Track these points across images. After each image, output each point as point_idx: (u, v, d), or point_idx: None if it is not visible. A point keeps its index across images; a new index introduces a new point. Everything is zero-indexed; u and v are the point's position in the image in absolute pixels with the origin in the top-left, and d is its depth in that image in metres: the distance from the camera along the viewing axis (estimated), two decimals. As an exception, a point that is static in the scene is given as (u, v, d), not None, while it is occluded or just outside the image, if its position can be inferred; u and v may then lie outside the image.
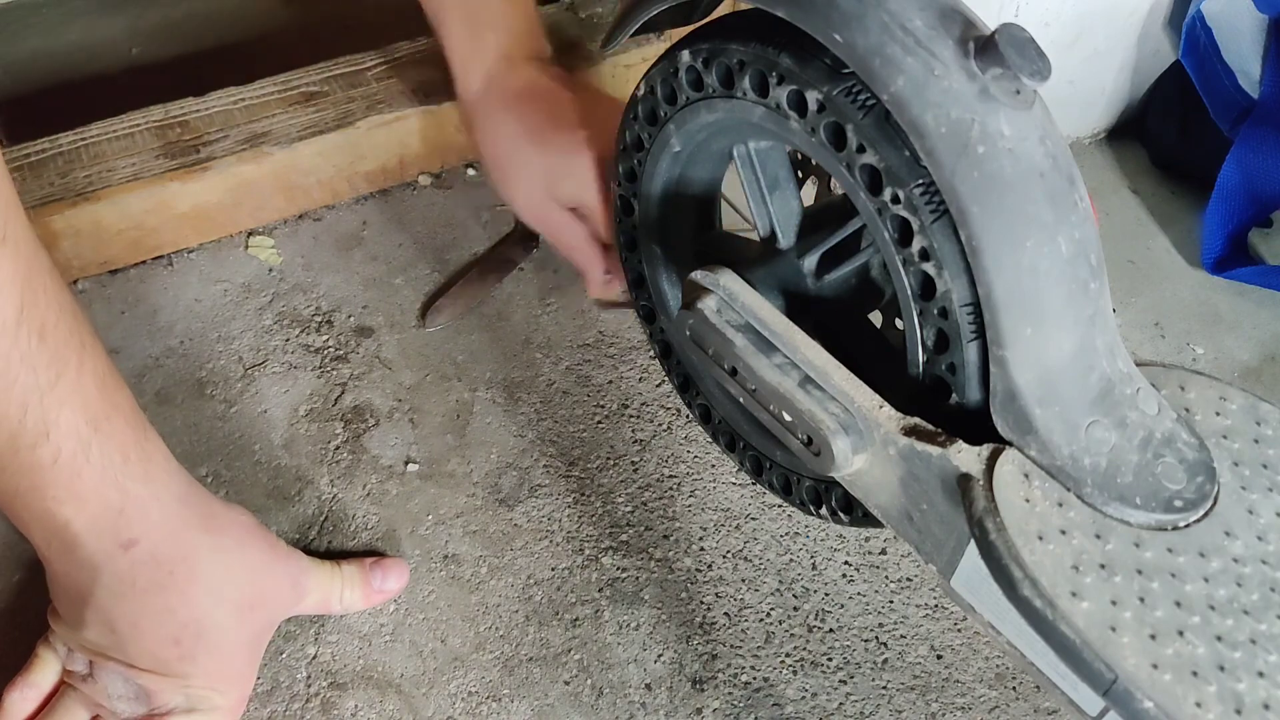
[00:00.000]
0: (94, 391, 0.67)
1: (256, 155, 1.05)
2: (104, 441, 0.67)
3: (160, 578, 0.71)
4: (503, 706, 0.78)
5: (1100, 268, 0.59)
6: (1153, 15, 1.18)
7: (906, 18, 0.57)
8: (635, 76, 0.82)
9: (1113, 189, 1.22)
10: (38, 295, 0.62)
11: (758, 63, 0.64)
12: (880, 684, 0.80)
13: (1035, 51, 0.55)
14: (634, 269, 0.87)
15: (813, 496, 0.76)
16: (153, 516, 0.71)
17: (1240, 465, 0.61)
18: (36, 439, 0.64)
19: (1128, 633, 0.53)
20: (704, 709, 0.78)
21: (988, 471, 0.58)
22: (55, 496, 0.67)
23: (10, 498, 0.68)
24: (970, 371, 0.60)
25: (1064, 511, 0.58)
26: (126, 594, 0.71)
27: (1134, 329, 1.08)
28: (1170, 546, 0.57)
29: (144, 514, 0.70)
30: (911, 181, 0.58)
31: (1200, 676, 0.52)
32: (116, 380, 0.69)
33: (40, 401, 0.63)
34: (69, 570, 0.72)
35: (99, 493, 0.68)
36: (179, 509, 0.73)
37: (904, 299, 0.62)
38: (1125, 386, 0.61)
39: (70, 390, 0.65)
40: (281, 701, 0.78)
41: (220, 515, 0.75)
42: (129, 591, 0.71)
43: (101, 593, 0.71)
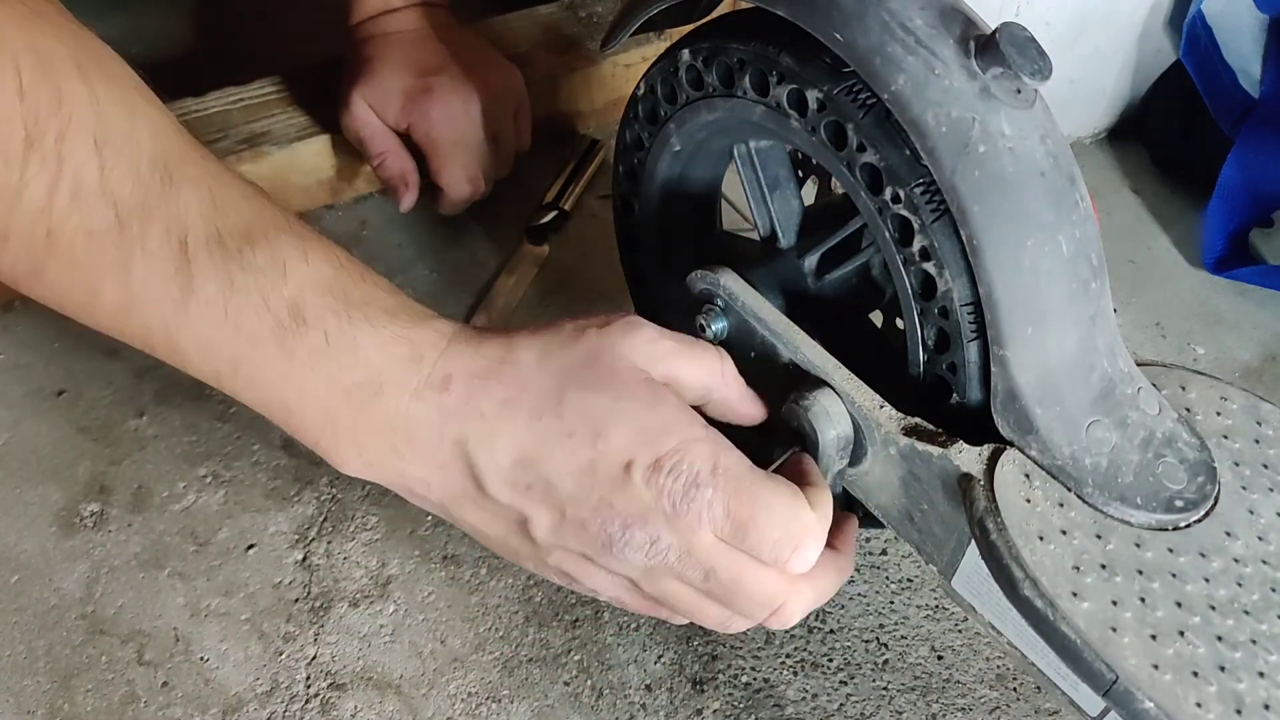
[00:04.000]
0: (330, 267, 0.61)
1: (255, 155, 1.05)
2: (361, 306, 0.61)
3: (509, 395, 0.61)
4: (502, 707, 0.78)
5: (1101, 267, 0.59)
6: (1153, 15, 1.18)
7: (907, 17, 0.57)
8: (635, 76, 0.82)
9: (1113, 189, 1.22)
10: (230, 209, 0.60)
11: (758, 62, 0.64)
12: (881, 685, 0.80)
13: (1036, 51, 0.55)
14: (634, 268, 0.87)
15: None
16: (445, 344, 0.63)
17: (1241, 465, 0.61)
18: (298, 329, 0.59)
19: (1128, 633, 0.53)
20: (704, 710, 0.78)
21: (988, 471, 0.58)
22: (348, 378, 0.60)
23: (316, 419, 0.62)
24: (971, 371, 0.60)
25: (1065, 511, 0.58)
26: (486, 433, 0.61)
27: (1135, 329, 1.07)
28: (1171, 547, 0.57)
29: (437, 347, 0.62)
30: (912, 181, 0.58)
31: (1201, 677, 0.52)
32: (336, 250, 0.63)
33: (281, 295, 0.59)
34: (417, 468, 0.63)
35: (388, 349, 0.61)
36: (461, 329, 0.65)
37: (904, 298, 0.62)
38: (1126, 386, 0.60)
39: (303, 275, 0.60)
40: (281, 702, 0.78)
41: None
42: (484, 427, 0.61)
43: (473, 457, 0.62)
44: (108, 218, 0.56)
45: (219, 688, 0.78)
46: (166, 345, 0.61)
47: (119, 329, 0.61)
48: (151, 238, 0.57)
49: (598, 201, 1.15)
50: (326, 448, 0.63)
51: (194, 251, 0.58)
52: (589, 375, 0.61)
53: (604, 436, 0.60)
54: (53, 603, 0.82)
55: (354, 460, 0.63)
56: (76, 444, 0.91)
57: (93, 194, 0.56)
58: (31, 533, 0.86)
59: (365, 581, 0.84)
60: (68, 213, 0.56)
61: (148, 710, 0.77)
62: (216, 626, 0.81)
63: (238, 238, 0.59)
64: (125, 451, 0.91)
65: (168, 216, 0.58)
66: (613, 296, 1.04)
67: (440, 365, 0.62)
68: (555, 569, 0.65)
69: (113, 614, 0.81)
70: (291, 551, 0.86)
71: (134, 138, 0.57)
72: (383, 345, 0.61)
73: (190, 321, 0.59)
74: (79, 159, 0.55)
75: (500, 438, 0.61)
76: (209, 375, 0.62)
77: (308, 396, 0.61)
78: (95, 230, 0.56)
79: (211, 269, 0.58)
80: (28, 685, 0.77)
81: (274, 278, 0.60)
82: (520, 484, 0.61)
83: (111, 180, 0.56)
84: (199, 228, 0.59)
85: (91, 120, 0.56)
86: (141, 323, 0.60)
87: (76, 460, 0.90)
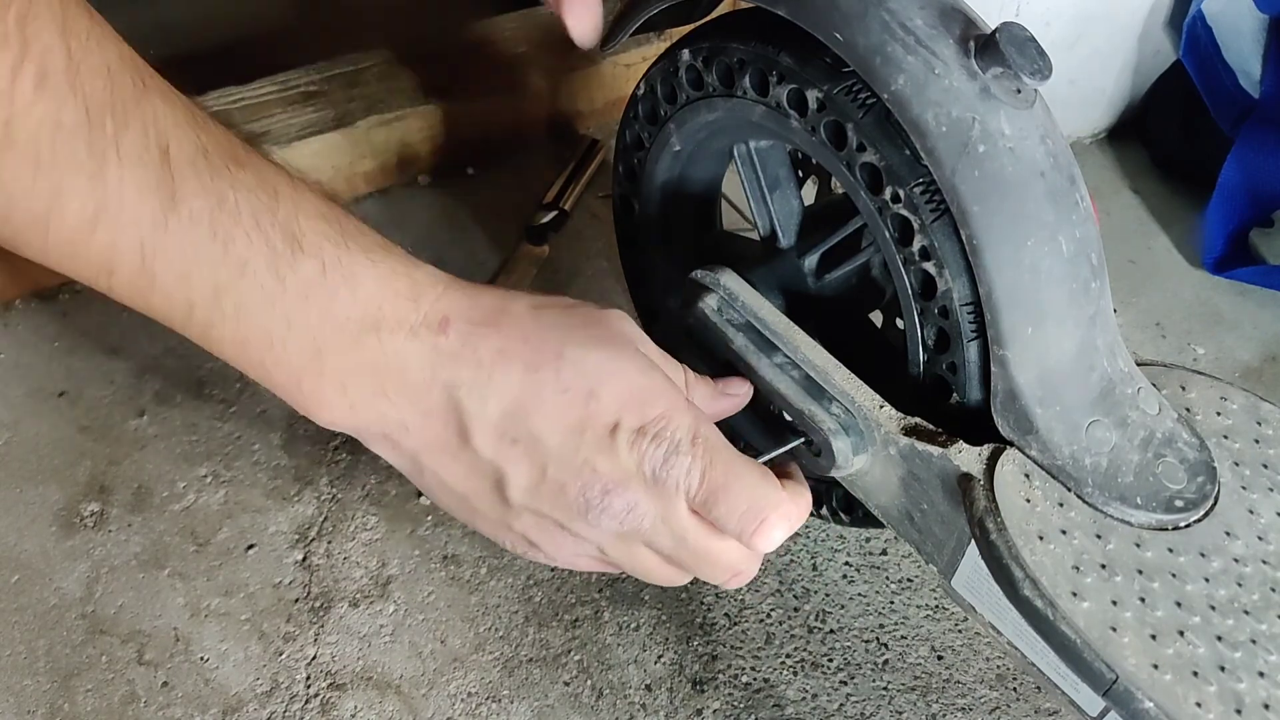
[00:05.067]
0: (317, 198, 0.58)
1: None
2: (356, 238, 0.58)
3: (505, 345, 0.60)
4: (502, 707, 0.78)
5: (1101, 267, 0.59)
6: (1153, 15, 1.18)
7: (907, 16, 0.57)
8: (635, 76, 0.82)
9: (1113, 189, 1.22)
10: (211, 128, 0.55)
11: (758, 61, 0.64)
12: (881, 685, 0.80)
13: (1036, 50, 0.55)
14: (634, 268, 0.87)
15: (813, 497, 0.76)
16: (442, 289, 0.61)
17: (1241, 465, 0.61)
18: (293, 255, 0.56)
19: (1128, 633, 0.53)
20: (704, 710, 0.78)
21: (988, 471, 0.58)
22: (343, 311, 0.57)
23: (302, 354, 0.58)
24: (971, 371, 0.60)
25: (1065, 511, 0.58)
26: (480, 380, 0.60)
27: (1135, 329, 1.07)
28: (1171, 546, 0.57)
29: (435, 289, 0.61)
30: (912, 180, 0.58)
31: (1201, 676, 0.52)
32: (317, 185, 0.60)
33: (274, 218, 0.55)
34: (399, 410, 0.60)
35: (387, 284, 0.59)
36: (455, 278, 0.63)
37: (904, 298, 0.62)
38: (1126, 386, 0.61)
39: (294, 200, 0.57)
40: (281, 702, 0.78)
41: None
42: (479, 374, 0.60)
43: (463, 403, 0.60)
44: (77, 112, 0.50)
45: (219, 688, 0.78)
46: (133, 269, 0.54)
47: (76, 250, 0.53)
48: (128, 142, 0.51)
49: (598, 201, 1.15)
50: (308, 386, 0.59)
51: (177, 163, 0.53)
52: (588, 334, 0.61)
53: (596, 396, 0.59)
54: (53, 603, 0.82)
55: (335, 401, 0.59)
56: (76, 444, 0.91)
57: (60, 83, 0.49)
58: (31, 533, 0.85)
59: (365, 581, 0.84)
60: (32, 100, 0.48)
61: (148, 710, 0.77)
62: (216, 626, 0.81)
63: (223, 155, 0.55)
64: (125, 451, 0.91)
65: (145, 122, 0.52)
66: (612, 297, 1.04)
67: (438, 306, 0.60)
68: (518, 535, 0.63)
69: (113, 614, 0.81)
70: (291, 551, 0.85)
71: (99, 37, 0.51)
72: (381, 279, 0.58)
73: (170, 240, 0.53)
74: (45, 43, 0.49)
75: (494, 386, 0.59)
76: (179, 306, 0.56)
77: (296, 329, 0.57)
78: (64, 124, 0.49)
79: (197, 183, 0.53)
80: (28, 685, 0.77)
81: (266, 199, 0.55)
82: (506, 437, 0.60)
83: (81, 73, 0.50)
84: (181, 139, 0.53)
85: (57, 9, 0.49)
86: (108, 240, 0.52)
87: (76, 460, 0.90)
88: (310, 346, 0.57)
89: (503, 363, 0.59)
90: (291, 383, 0.59)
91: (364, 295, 0.58)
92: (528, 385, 0.59)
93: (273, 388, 0.60)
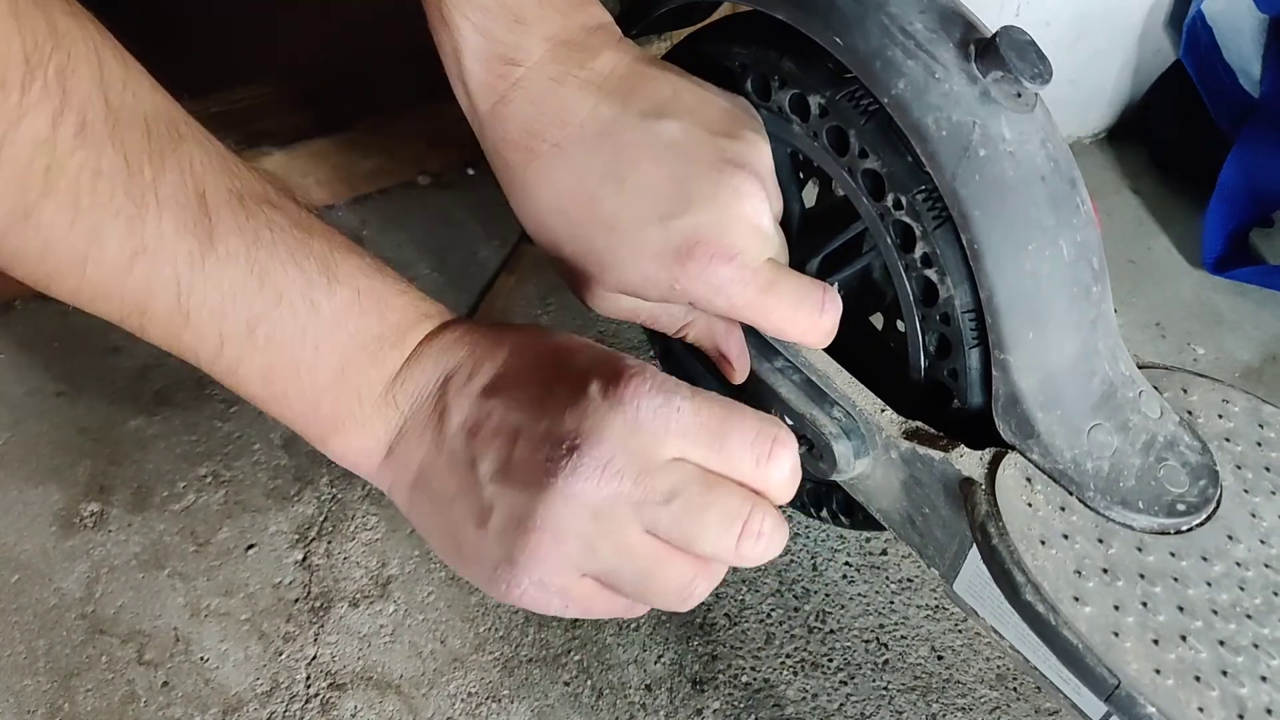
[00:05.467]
0: (346, 239, 0.60)
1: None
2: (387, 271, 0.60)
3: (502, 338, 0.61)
4: (502, 707, 0.78)
5: (1102, 271, 0.59)
6: (1153, 15, 1.18)
7: (907, 20, 0.57)
8: (636, 77, 0.82)
9: (1113, 189, 1.22)
10: (244, 173, 0.58)
11: (760, 66, 0.64)
12: (881, 685, 0.80)
13: (1036, 54, 0.55)
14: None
15: (814, 499, 0.76)
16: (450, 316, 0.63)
17: (1243, 468, 0.61)
18: (329, 284, 0.57)
19: (1130, 638, 0.53)
20: (704, 710, 0.78)
21: (990, 476, 0.58)
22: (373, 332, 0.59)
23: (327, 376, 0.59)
24: (972, 378, 0.60)
25: (1066, 516, 0.58)
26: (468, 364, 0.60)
27: (1135, 329, 1.07)
28: (1173, 550, 0.57)
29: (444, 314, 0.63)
30: (914, 187, 0.58)
31: (1203, 681, 0.52)
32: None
33: (309, 252, 0.57)
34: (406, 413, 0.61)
35: (414, 308, 0.61)
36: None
37: (906, 305, 0.62)
38: (1128, 390, 0.60)
39: (327, 237, 0.58)
40: (281, 702, 0.78)
41: None
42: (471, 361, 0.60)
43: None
44: (116, 159, 0.51)
45: (219, 688, 0.78)
46: (168, 307, 0.55)
47: (110, 291, 0.54)
48: (166, 185, 0.53)
49: (598, 201, 1.14)
50: (326, 409, 0.59)
51: (214, 205, 0.54)
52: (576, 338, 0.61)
53: (569, 364, 0.58)
54: (53, 603, 0.82)
55: (349, 420, 0.60)
56: (76, 444, 0.91)
57: (99, 132, 0.51)
58: (31, 533, 0.85)
59: (365, 581, 0.84)
60: (72, 148, 0.50)
61: (148, 710, 0.77)
62: (216, 626, 0.81)
63: (257, 198, 0.57)
64: (125, 451, 0.91)
65: (181, 167, 0.54)
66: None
67: (454, 322, 0.62)
68: (494, 553, 0.57)
69: (113, 614, 0.81)
70: (291, 551, 0.86)
71: (133, 87, 0.53)
72: (409, 305, 0.61)
73: (207, 278, 0.54)
74: (84, 95, 0.50)
75: (482, 365, 0.59)
76: (209, 342, 0.57)
77: (324, 352, 0.58)
78: (103, 171, 0.51)
79: (234, 223, 0.55)
80: (28, 685, 0.77)
81: (300, 235, 0.57)
82: (481, 413, 0.58)
83: (120, 122, 0.52)
84: (217, 183, 0.55)
85: (94, 61, 0.51)
86: (144, 280, 0.54)
87: (76, 460, 0.90)
88: (335, 366, 0.58)
89: (494, 346, 0.60)
90: (309, 408, 0.59)
91: (392, 317, 0.60)
92: (508, 365, 0.59)
93: (289, 419, 0.60)
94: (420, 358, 0.60)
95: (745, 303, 0.63)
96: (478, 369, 0.59)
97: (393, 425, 0.60)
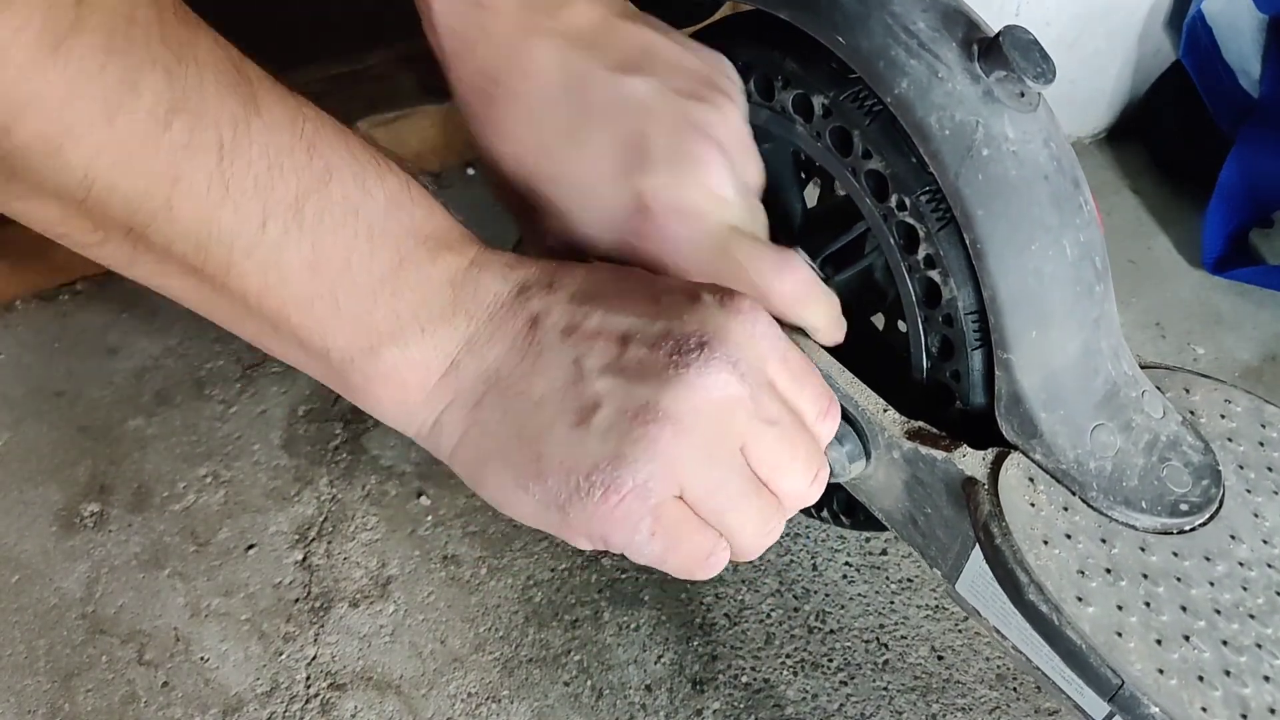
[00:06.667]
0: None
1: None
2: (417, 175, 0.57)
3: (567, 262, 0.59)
4: (502, 707, 0.78)
5: (1105, 271, 0.59)
6: (1153, 15, 1.18)
7: (910, 20, 0.57)
8: (637, 76, 0.82)
9: (1113, 189, 1.22)
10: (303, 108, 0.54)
11: (762, 66, 0.64)
12: (881, 685, 0.80)
13: (1039, 54, 0.55)
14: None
15: (815, 500, 0.76)
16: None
17: (1245, 468, 0.61)
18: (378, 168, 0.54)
19: (1134, 637, 0.53)
20: (704, 710, 0.78)
21: (992, 475, 0.58)
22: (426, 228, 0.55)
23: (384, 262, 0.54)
24: (975, 378, 0.60)
25: (1069, 515, 0.57)
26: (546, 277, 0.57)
27: (1135, 329, 1.08)
28: (1176, 550, 0.57)
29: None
30: (918, 188, 0.58)
31: (1206, 681, 0.52)
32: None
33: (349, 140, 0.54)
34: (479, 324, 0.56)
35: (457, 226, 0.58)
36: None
37: (908, 306, 0.62)
38: (1130, 389, 0.60)
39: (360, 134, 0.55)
40: (281, 702, 0.78)
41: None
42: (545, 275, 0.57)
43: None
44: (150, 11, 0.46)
45: (219, 688, 0.78)
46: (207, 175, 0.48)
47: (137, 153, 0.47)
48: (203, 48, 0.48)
49: (597, 200, 1.14)
50: (382, 311, 0.54)
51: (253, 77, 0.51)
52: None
53: (662, 280, 0.57)
54: (53, 603, 0.82)
55: (408, 325, 0.54)
56: (76, 444, 0.91)
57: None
58: (31, 533, 0.85)
59: (365, 581, 0.84)
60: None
61: (148, 710, 0.77)
62: (216, 626, 0.81)
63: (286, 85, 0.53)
64: (125, 451, 0.91)
65: (214, 39, 0.50)
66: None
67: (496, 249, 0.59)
68: (596, 451, 0.53)
69: (113, 614, 0.81)
70: (291, 551, 0.85)
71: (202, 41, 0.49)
72: (449, 214, 0.57)
73: (251, 143, 0.49)
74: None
75: (561, 279, 0.56)
76: (251, 219, 0.50)
77: (380, 242, 0.53)
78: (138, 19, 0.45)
79: (275, 96, 0.51)
80: (28, 685, 0.77)
81: (339, 127, 0.54)
82: (578, 316, 0.55)
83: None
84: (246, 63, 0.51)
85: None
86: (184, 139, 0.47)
87: (76, 460, 0.90)
88: (392, 258, 0.54)
89: (568, 267, 0.57)
90: (362, 308, 0.53)
91: (439, 219, 0.56)
92: (592, 276, 0.57)
93: (333, 328, 0.54)
94: (486, 267, 0.56)
95: (697, 265, 0.62)
96: (557, 282, 0.56)
97: (460, 336, 0.55)
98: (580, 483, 0.53)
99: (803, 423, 0.56)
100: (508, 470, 0.55)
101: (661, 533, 0.53)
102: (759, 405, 0.54)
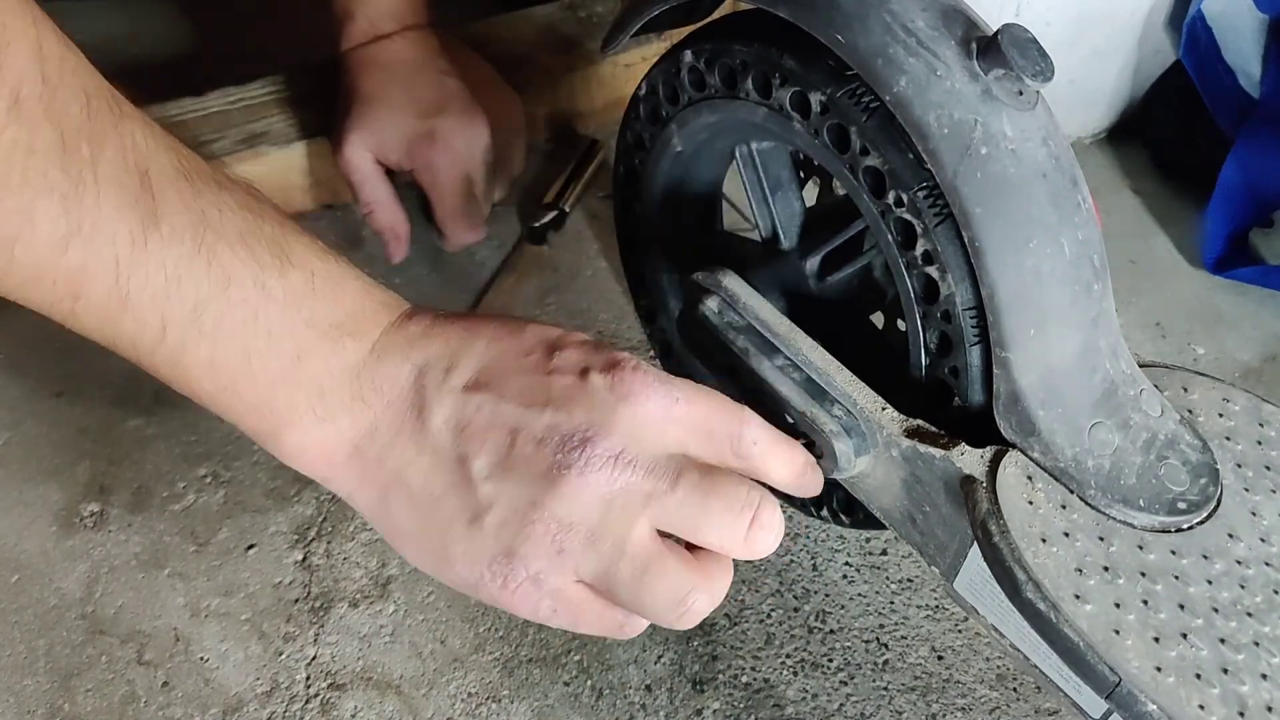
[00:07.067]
0: (291, 221, 0.58)
1: (255, 155, 1.04)
2: (338, 257, 0.59)
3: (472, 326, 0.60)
4: (502, 708, 0.78)
5: (1103, 269, 0.59)
6: (1153, 15, 1.18)
7: (909, 18, 0.57)
8: (636, 76, 0.82)
9: (1113, 188, 1.22)
10: (191, 156, 0.55)
11: (761, 64, 0.64)
12: (881, 685, 0.80)
13: (1038, 52, 0.55)
14: (634, 269, 0.87)
15: (814, 498, 0.76)
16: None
17: (1243, 467, 0.61)
18: (281, 267, 0.55)
19: (1131, 635, 0.53)
20: (704, 710, 0.78)
21: (991, 474, 0.58)
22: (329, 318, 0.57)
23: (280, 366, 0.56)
24: (973, 375, 0.60)
25: (1067, 514, 0.57)
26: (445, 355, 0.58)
27: (1135, 329, 1.07)
28: (1174, 549, 0.57)
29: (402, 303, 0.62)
30: (915, 185, 0.58)
31: (1204, 679, 0.52)
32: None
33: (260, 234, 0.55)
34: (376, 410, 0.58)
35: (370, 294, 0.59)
36: None
37: (906, 302, 0.62)
38: (1128, 388, 0.60)
39: (279, 220, 0.57)
40: (281, 702, 0.78)
41: None
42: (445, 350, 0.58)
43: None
44: (51, 136, 0.48)
45: (219, 688, 0.78)
46: (105, 291, 0.51)
47: (42, 274, 0.50)
48: (105, 163, 0.50)
49: (598, 202, 1.15)
50: (282, 402, 0.56)
51: (158, 184, 0.51)
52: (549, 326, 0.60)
53: (561, 353, 0.57)
54: (53, 603, 0.82)
55: (306, 415, 0.57)
56: (76, 444, 0.91)
57: (34, 108, 0.48)
58: (31, 533, 0.85)
59: (365, 581, 0.84)
60: (4, 124, 0.47)
61: (148, 710, 0.77)
62: (216, 626, 0.81)
63: (206, 178, 0.54)
64: (125, 451, 0.91)
65: (123, 146, 0.51)
66: (612, 297, 1.04)
67: (413, 310, 0.60)
68: (490, 548, 0.56)
69: (113, 614, 0.81)
70: (291, 551, 0.85)
71: (74, 66, 0.50)
72: (365, 290, 0.59)
73: (149, 257, 0.51)
74: (20, 69, 0.47)
75: (457, 360, 0.57)
76: (151, 327, 0.53)
77: (277, 338, 0.55)
78: (37, 149, 0.48)
79: (180, 202, 0.52)
80: (28, 685, 0.77)
81: (252, 218, 0.55)
82: (469, 409, 0.56)
83: (57, 98, 0.48)
84: (163, 162, 0.52)
85: (31, 37, 0.48)
86: (80, 262, 0.50)
87: (76, 460, 0.90)
88: (291, 353, 0.56)
89: (468, 338, 0.58)
90: (262, 400, 0.56)
91: (349, 303, 0.58)
92: (490, 354, 0.58)
93: (238, 414, 0.57)
94: (387, 350, 0.58)
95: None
96: (455, 362, 0.58)
97: (362, 423, 0.58)
98: (483, 572, 0.56)
99: (714, 470, 0.57)
100: (422, 554, 0.59)
101: (564, 610, 0.57)
102: (656, 481, 0.55)
